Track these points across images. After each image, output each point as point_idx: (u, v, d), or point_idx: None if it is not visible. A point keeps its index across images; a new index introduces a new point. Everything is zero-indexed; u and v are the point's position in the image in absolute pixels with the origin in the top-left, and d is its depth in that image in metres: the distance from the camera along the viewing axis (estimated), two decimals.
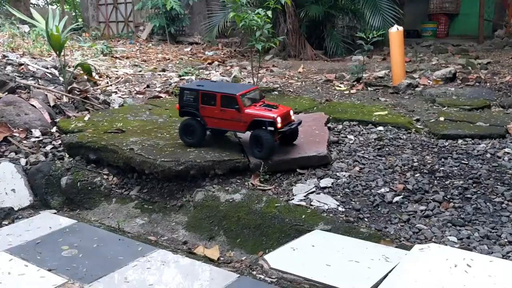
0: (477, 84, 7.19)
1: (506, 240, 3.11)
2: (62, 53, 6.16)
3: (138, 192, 4.35)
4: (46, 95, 5.93)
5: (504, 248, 3.02)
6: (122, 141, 4.50)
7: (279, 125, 3.98)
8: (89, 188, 4.41)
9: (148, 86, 7.58)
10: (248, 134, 4.22)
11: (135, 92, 7.16)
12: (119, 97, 6.72)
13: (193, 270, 3.07)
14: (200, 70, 9.17)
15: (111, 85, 7.57)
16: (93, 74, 7.34)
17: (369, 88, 7.28)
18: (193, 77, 8.28)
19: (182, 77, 8.32)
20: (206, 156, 4.17)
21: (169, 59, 11.05)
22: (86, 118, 5.38)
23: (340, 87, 7.45)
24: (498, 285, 2.57)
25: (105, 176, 4.52)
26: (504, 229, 3.22)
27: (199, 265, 3.13)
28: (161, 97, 6.83)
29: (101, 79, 7.81)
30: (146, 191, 4.33)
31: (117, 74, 8.52)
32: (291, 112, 4.26)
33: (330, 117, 5.37)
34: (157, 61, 10.75)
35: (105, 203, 4.33)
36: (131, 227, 3.99)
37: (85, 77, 6.87)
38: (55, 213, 4.25)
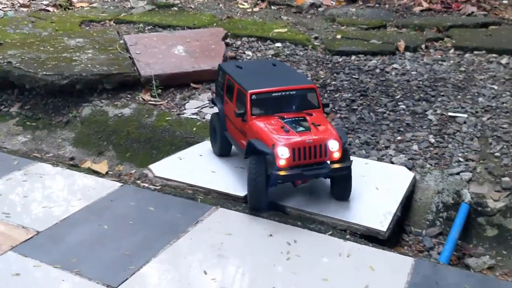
0: (377, 5, 7.34)
1: (383, 145, 3.31)
2: None
3: (19, 109, 4.05)
4: None
5: (380, 152, 3.22)
6: None
7: (281, 162, 2.39)
8: None
9: None
10: None
11: (18, 5, 6.47)
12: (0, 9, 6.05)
13: (74, 181, 2.95)
14: None
15: None
16: None
17: (272, 7, 7.16)
18: None
19: None
20: (93, 69, 3.93)
21: None
22: None
23: (243, 5, 7.25)
24: None
25: None
26: (383, 135, 3.41)
27: (81, 176, 3.00)
28: (49, 11, 6.25)
29: None
30: (29, 107, 4.04)
31: None
32: (334, 144, 2.46)
33: (229, 33, 5.24)
34: None
35: None
36: (12, 145, 3.74)
37: None
38: None
